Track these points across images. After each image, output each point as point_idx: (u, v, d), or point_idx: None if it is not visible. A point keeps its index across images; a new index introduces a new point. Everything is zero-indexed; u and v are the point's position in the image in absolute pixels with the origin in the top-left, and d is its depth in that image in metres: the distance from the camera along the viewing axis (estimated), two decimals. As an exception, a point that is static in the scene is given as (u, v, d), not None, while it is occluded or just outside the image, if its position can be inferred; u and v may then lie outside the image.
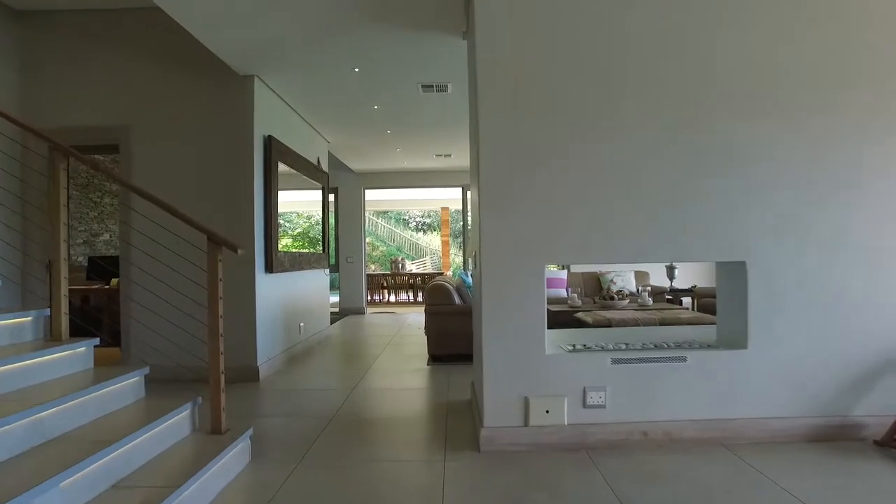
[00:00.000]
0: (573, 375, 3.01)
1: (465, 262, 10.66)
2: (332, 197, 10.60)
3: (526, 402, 2.98)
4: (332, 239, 11.47)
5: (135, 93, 4.88)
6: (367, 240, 21.11)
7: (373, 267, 19.90)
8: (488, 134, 3.02)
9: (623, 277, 8.56)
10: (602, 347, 3.14)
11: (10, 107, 4.85)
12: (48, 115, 4.91)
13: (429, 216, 22.30)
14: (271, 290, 5.18)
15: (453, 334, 5.24)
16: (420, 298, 13.29)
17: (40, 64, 4.95)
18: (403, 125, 6.82)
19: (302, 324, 6.13)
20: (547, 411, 2.97)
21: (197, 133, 4.87)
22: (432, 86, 5.30)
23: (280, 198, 7.00)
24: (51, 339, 2.89)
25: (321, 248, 7.41)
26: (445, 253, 16.10)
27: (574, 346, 3.16)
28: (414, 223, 22.28)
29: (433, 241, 21.59)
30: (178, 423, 2.77)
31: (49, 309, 2.91)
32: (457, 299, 5.37)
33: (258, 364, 4.77)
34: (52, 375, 2.64)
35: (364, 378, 4.82)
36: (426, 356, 5.63)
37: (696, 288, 7.94)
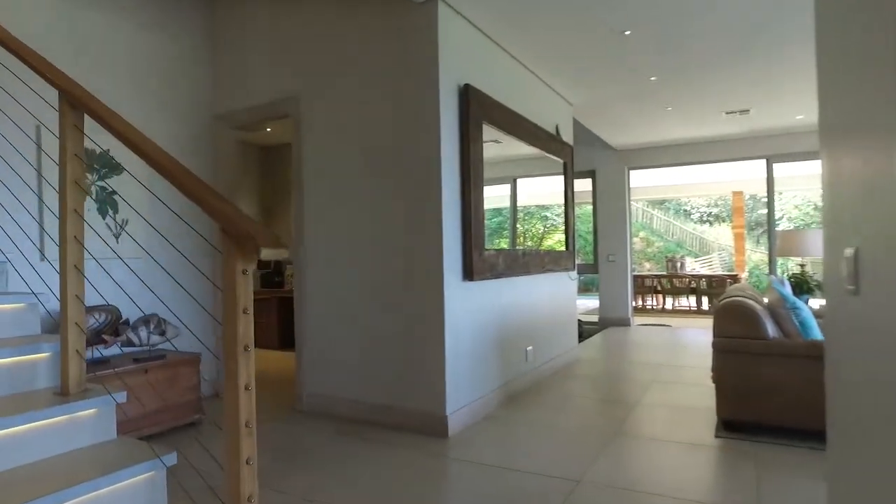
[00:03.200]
0: None
1: (770, 263, 7.68)
2: (588, 183, 8.79)
3: None
4: (589, 233, 9.66)
5: (304, 57, 3.92)
6: (641, 234, 18.50)
7: (647, 266, 17.30)
8: None
9: None
10: None
11: (205, 93, 4.37)
12: (235, 98, 4.30)
13: (716, 204, 18.56)
14: (474, 305, 3.69)
15: (768, 389, 3.00)
16: (705, 306, 10.48)
17: (227, 43, 4.37)
18: (672, 61, 4.64)
19: (530, 348, 4.52)
20: None
21: (365, 90, 3.66)
22: (721, -33, 3.13)
23: (535, 187, 5.63)
24: (60, 391, 1.85)
25: (565, 245, 5.69)
26: (739, 249, 12.70)
27: None
28: (697, 214, 18.78)
29: (722, 234, 17.85)
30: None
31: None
32: (771, 329, 3.09)
33: (447, 412, 3.32)
34: (27, 458, 1.56)
35: (604, 453, 2.97)
36: (713, 417, 3.47)
37: None
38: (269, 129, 6.75)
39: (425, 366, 3.40)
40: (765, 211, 15.88)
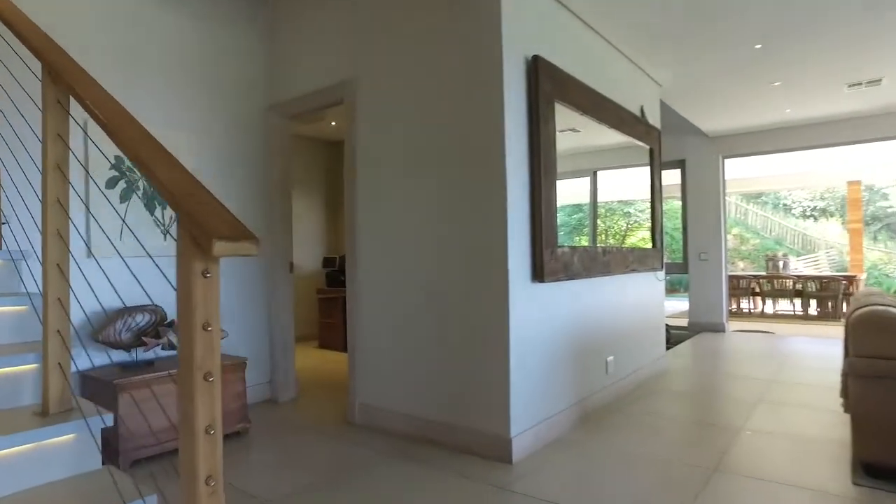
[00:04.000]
0: None
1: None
2: (675, 175, 8.01)
3: None
4: (675, 230, 8.86)
5: (357, 37, 3.59)
6: (734, 231, 17.02)
7: (741, 265, 15.95)
8: None
9: None
10: None
11: (259, 84, 4.16)
12: (288, 87, 4.05)
13: (822, 198, 16.83)
14: (545, 310, 3.21)
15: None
16: (813, 310, 9.34)
17: (280, 30, 4.13)
18: (783, 21, 3.91)
19: (610, 358, 3.97)
20: None
21: (421, 68, 3.26)
22: None
23: (617, 181, 5.16)
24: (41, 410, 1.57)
25: (651, 242, 5.06)
26: (855, 246, 11.27)
27: None
28: (799, 208, 17.10)
29: (829, 230, 16.15)
30: None
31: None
32: (930, 348, 2.39)
33: (511, 434, 2.86)
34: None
35: (703, 497, 2.41)
36: (846, 454, 2.80)
37: None
38: (333, 123, 6.54)
39: (487, 379, 2.96)
40: (885, 203, 14.11)
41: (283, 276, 4.11)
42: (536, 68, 3.10)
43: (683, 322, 7.91)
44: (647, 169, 4.97)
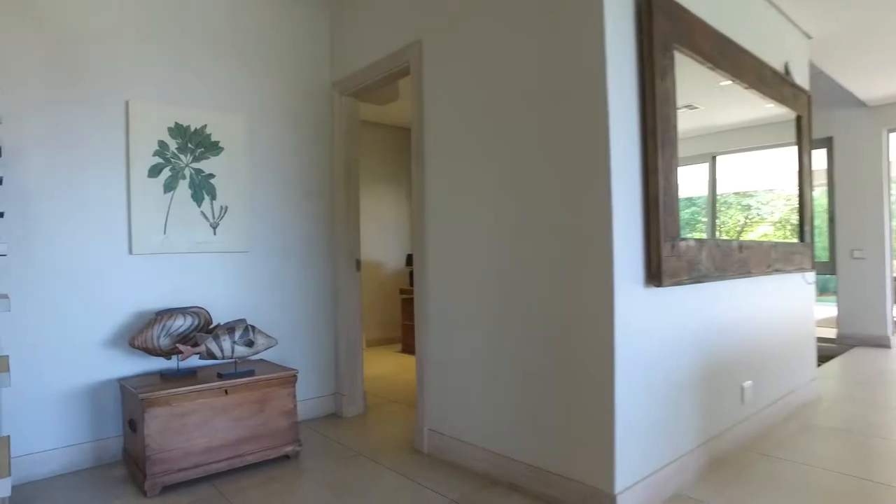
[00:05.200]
0: None
1: None
2: (824, 155, 6.68)
3: None
4: (822, 219, 7.48)
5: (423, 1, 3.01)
6: (893, 224, 14.55)
7: (896, 264, 13.57)
8: None
9: None
10: None
11: (320, 57, 3.73)
12: (351, 60, 3.56)
13: None
14: (663, 323, 2.43)
15: None
16: None
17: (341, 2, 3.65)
18: None
19: (747, 383, 3.08)
20: None
21: (499, 20, 2.60)
22: None
23: (735, 170, 4.26)
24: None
25: (798, 235, 4.04)
26: None
27: None
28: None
29: None
30: None
31: None
32: None
33: (614, 490, 2.13)
34: None
35: None
36: None
37: None
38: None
39: (585, 412, 2.25)
40: None
41: (349, 275, 3.63)
42: (650, 2, 2.34)
43: (827, 333, 6.58)
44: (781, 149, 3.95)
